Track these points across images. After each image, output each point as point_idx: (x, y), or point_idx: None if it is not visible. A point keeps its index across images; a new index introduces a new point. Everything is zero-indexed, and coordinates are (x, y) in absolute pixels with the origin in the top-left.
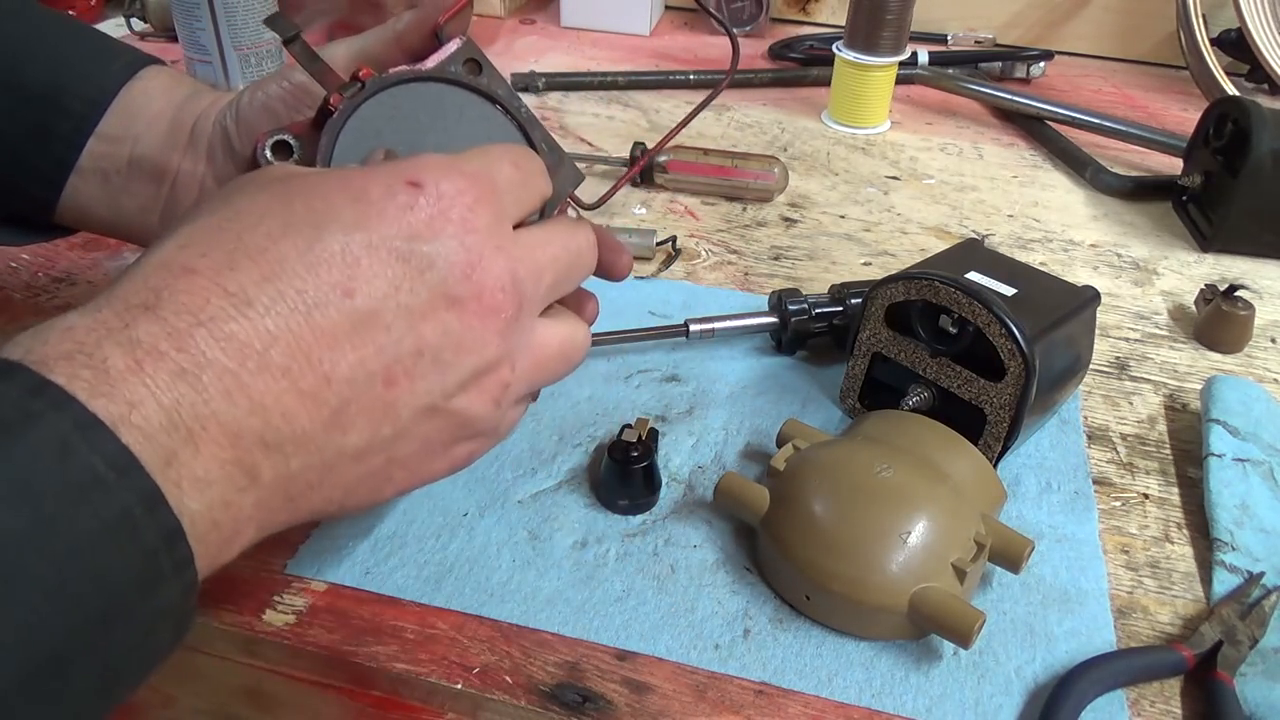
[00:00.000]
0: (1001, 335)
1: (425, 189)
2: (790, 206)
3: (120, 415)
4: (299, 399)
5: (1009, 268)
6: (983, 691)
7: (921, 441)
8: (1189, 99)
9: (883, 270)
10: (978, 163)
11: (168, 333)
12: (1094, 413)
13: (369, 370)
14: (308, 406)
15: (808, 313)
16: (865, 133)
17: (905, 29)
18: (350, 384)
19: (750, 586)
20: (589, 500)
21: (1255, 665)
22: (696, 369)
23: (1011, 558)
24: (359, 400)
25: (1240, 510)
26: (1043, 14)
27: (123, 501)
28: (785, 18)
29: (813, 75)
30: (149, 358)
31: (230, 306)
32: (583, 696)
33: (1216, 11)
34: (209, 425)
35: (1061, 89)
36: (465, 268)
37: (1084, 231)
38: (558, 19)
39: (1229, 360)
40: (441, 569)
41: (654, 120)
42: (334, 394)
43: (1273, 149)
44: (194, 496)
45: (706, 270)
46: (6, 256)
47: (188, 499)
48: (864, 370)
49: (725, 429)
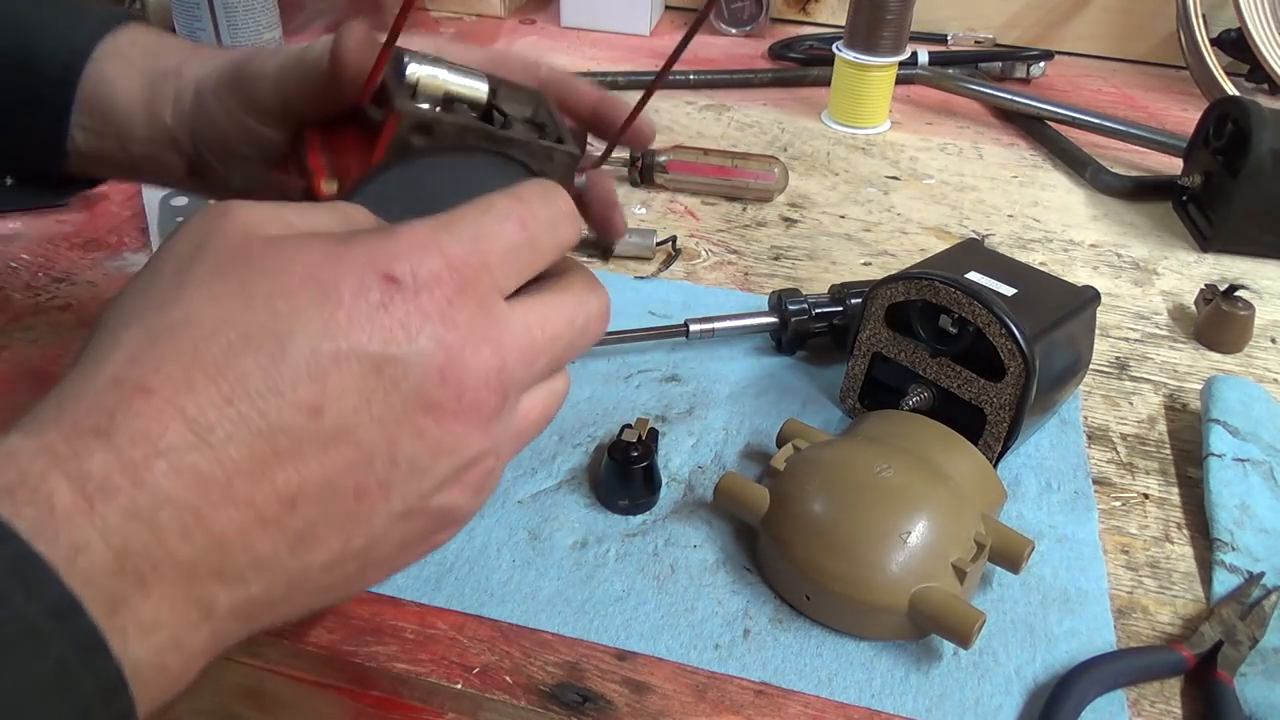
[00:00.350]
0: (1001, 335)
1: (401, 283)
2: (790, 206)
3: (65, 560)
4: (262, 527)
5: (1009, 268)
6: (983, 691)
7: (921, 441)
8: (1189, 99)
9: (883, 270)
10: (978, 163)
11: (122, 465)
12: (1094, 413)
13: (338, 488)
14: (271, 533)
15: (808, 313)
16: (865, 133)
17: (905, 29)
18: (318, 503)
19: (750, 586)
20: (589, 500)
21: (1255, 665)
22: (696, 369)
23: (1011, 558)
24: (328, 518)
25: (1240, 510)
26: (1043, 14)
27: (58, 652)
28: (785, 18)
29: (813, 75)
30: (100, 494)
31: (190, 434)
32: (583, 696)
33: (1216, 11)
34: (162, 567)
35: (1061, 89)
36: (443, 369)
37: (1084, 231)
38: (558, 19)
39: (1229, 360)
40: (441, 569)
41: (654, 120)
42: (300, 517)
43: (1273, 149)
44: (140, 642)
45: (706, 270)
46: (6, 257)
47: (133, 646)
48: (864, 370)
49: (725, 429)
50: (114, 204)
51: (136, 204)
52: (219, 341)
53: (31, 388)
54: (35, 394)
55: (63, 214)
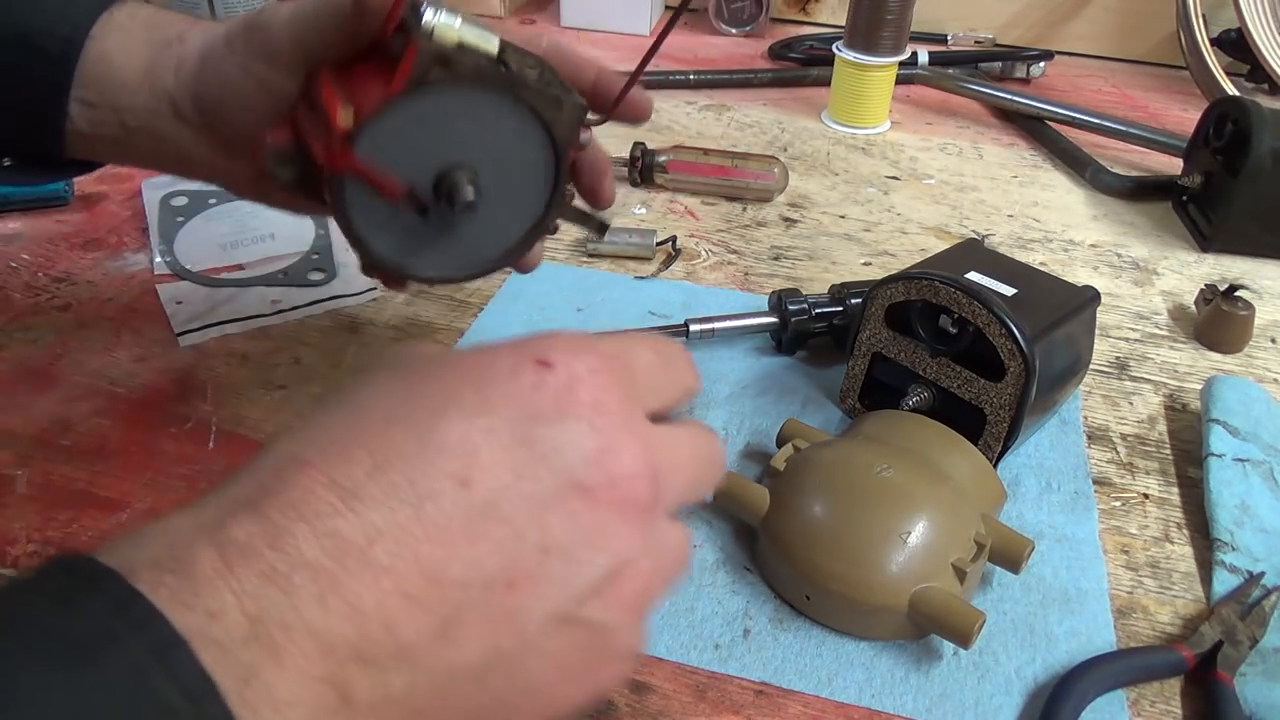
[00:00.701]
0: (1001, 335)
1: (555, 368)
2: (790, 206)
3: (200, 628)
4: (403, 603)
5: (1009, 268)
6: (983, 691)
7: (921, 441)
8: (1189, 99)
9: (883, 270)
10: (978, 163)
11: (265, 530)
12: (1094, 413)
13: (486, 571)
14: (413, 613)
15: (808, 313)
16: (865, 133)
17: (905, 29)
18: (464, 586)
19: (750, 586)
20: None
21: (1255, 665)
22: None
23: (1011, 558)
24: (474, 606)
25: (1240, 510)
26: (1043, 14)
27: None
28: (785, 18)
29: (813, 75)
30: (240, 558)
31: (337, 499)
32: None
33: (1216, 11)
34: (295, 634)
35: (1061, 89)
36: (596, 452)
37: (1084, 231)
38: (558, 19)
39: (1229, 360)
40: None
41: (654, 120)
42: (444, 598)
43: (1273, 149)
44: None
45: (706, 270)
46: (6, 256)
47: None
48: (864, 370)
49: (725, 429)
50: (114, 204)
51: (136, 204)
52: (378, 417)
53: (32, 387)
54: (35, 394)
55: (63, 214)
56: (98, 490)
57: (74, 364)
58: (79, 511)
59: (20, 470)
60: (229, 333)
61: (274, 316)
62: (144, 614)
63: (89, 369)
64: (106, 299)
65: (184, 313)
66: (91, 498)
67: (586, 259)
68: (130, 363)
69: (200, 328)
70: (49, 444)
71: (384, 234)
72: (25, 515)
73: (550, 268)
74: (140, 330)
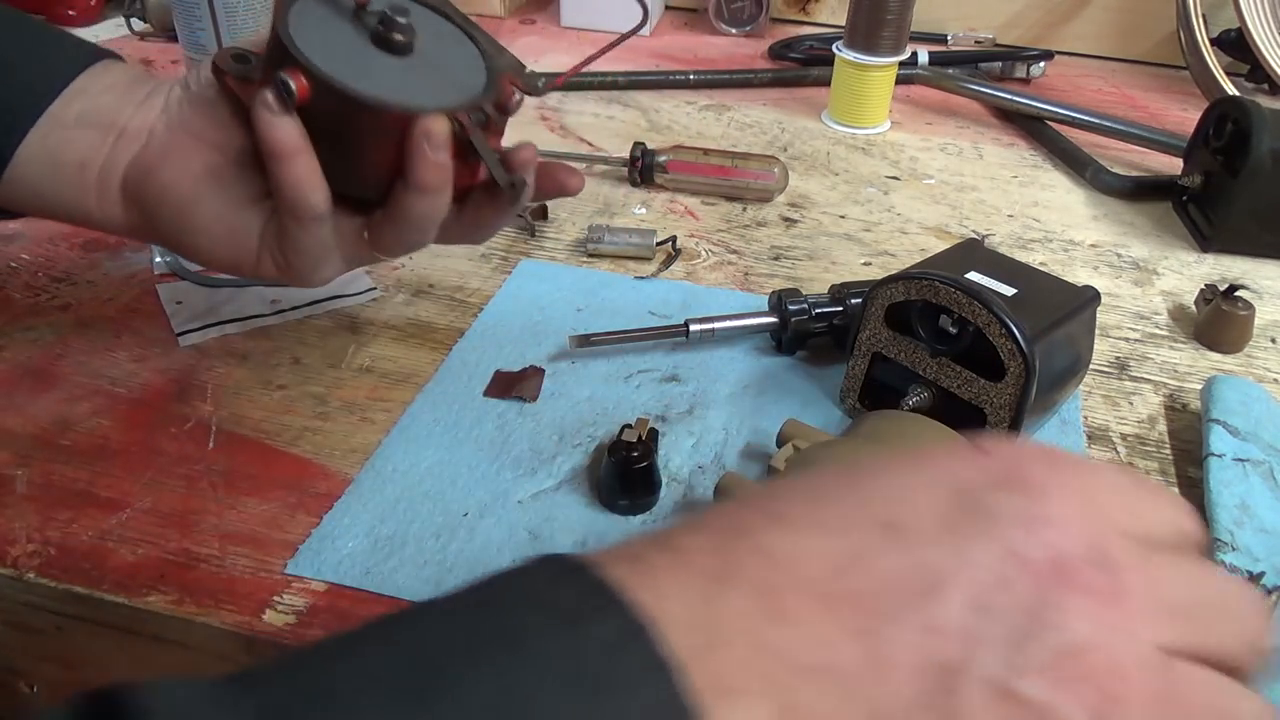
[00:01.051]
0: (1001, 335)
1: (992, 452)
2: (790, 206)
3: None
4: (830, 619)
5: (1009, 268)
6: None
7: (921, 441)
8: (1189, 99)
9: (883, 270)
10: (978, 163)
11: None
12: (1094, 413)
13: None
14: (840, 631)
15: (808, 313)
16: (865, 133)
17: (905, 29)
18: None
19: None
20: (589, 500)
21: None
22: (696, 369)
23: None
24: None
25: (1240, 510)
26: (1043, 14)
27: (660, 695)
28: (785, 18)
29: (813, 75)
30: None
31: (768, 522)
32: None
33: (1216, 11)
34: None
35: (1061, 89)
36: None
37: (1084, 231)
38: (558, 19)
39: (1229, 360)
40: (442, 569)
41: (654, 120)
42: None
43: (1273, 149)
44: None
45: (706, 270)
46: (6, 256)
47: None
48: (864, 370)
49: (725, 429)
50: None
51: None
52: (816, 480)
53: (32, 387)
54: (35, 394)
55: None
56: (98, 490)
57: (74, 364)
58: (79, 511)
59: (20, 470)
60: (229, 333)
61: (274, 316)
62: (614, 597)
63: (89, 369)
64: (106, 299)
65: (184, 313)
66: (91, 498)
67: (586, 259)
68: (130, 363)
69: (200, 328)
70: (49, 444)
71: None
72: (25, 515)
73: (550, 268)
74: (140, 330)
